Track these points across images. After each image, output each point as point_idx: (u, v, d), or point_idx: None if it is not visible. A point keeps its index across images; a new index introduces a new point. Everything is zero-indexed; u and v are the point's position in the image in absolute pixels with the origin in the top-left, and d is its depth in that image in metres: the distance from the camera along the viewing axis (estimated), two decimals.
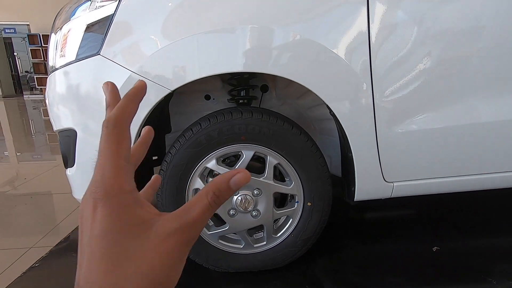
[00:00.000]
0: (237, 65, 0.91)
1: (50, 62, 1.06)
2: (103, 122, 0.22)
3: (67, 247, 1.42)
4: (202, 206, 0.21)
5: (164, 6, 0.91)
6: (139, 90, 0.24)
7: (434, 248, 1.20)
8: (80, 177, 1.06)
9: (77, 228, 1.59)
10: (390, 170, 1.00)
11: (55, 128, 1.07)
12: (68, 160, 1.06)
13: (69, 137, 1.01)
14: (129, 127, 0.23)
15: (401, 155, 0.99)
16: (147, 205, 0.22)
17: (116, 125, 0.22)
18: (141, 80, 0.25)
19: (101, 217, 0.20)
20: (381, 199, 1.06)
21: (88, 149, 1.00)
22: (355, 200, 1.05)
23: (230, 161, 1.07)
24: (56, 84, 1.02)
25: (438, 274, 1.09)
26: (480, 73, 0.93)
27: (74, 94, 0.98)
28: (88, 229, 0.20)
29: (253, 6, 0.90)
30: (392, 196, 1.05)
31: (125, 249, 0.19)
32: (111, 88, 0.25)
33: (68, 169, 1.08)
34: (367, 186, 1.03)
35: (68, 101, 1.00)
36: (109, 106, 0.24)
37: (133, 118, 0.23)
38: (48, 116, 1.10)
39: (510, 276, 1.05)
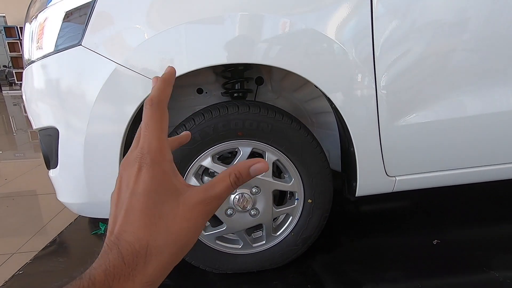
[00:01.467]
0: (231, 56, 0.85)
1: (26, 55, 0.97)
2: (146, 100, 0.25)
3: (53, 252, 1.34)
4: (225, 184, 0.24)
5: None
6: (172, 75, 0.28)
7: (435, 241, 1.19)
8: (65, 178, 0.99)
9: (64, 230, 1.51)
10: (392, 164, 0.97)
11: (34, 127, 0.99)
12: (51, 161, 0.98)
13: (50, 136, 0.93)
14: (167, 106, 0.26)
15: (403, 148, 0.96)
16: (179, 175, 0.25)
17: (158, 104, 0.25)
18: (170, 66, 0.28)
19: (145, 179, 0.23)
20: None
21: (72, 148, 0.92)
22: (356, 195, 1.01)
23: (226, 158, 1.01)
24: (33, 79, 0.93)
25: (439, 267, 1.07)
26: (483, 65, 0.90)
27: (54, 89, 0.90)
28: (130, 186, 0.24)
29: None
30: (393, 191, 1.02)
31: (160, 209, 0.23)
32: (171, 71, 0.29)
33: (51, 170, 1.00)
34: (369, 181, 0.99)
35: (47, 97, 0.91)
36: (153, 88, 0.27)
37: (169, 98, 0.27)
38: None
39: (511, 267, 1.04)
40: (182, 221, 0.23)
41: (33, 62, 0.91)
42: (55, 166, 0.97)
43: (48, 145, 0.96)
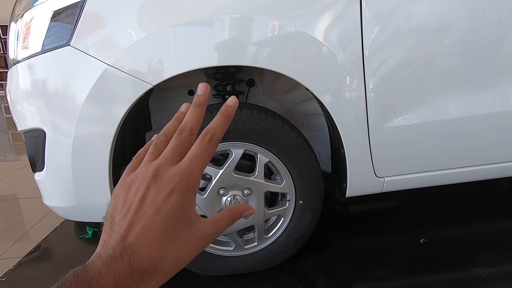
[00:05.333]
0: (222, 58, 0.85)
1: (11, 55, 0.94)
2: (206, 131, 0.27)
3: (38, 258, 1.30)
4: (224, 223, 0.29)
5: None
6: (235, 109, 0.28)
7: (422, 240, 1.22)
8: (51, 181, 0.96)
9: (49, 235, 1.47)
10: (381, 165, 0.99)
11: (19, 128, 0.96)
12: (37, 164, 0.95)
13: (36, 138, 0.90)
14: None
15: (392, 150, 0.99)
16: (195, 206, 0.28)
17: (216, 141, 0.27)
18: (234, 96, 0.29)
19: (174, 203, 0.26)
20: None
21: (60, 150, 0.90)
22: (346, 196, 1.03)
23: (217, 160, 1.01)
24: (19, 79, 0.91)
25: (426, 266, 1.10)
26: (466, 69, 0.94)
27: (41, 90, 0.88)
28: (157, 203, 0.25)
29: None
30: (382, 191, 1.04)
31: (175, 235, 0.26)
32: (208, 90, 0.29)
33: (37, 173, 0.98)
34: (359, 182, 1.01)
35: (34, 98, 0.89)
36: (199, 104, 0.29)
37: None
38: (11, 114, 0.99)
39: (493, 263, 1.08)
40: (189, 250, 0.27)
41: (18, 62, 0.89)
42: (41, 169, 0.94)
43: (34, 147, 0.93)
